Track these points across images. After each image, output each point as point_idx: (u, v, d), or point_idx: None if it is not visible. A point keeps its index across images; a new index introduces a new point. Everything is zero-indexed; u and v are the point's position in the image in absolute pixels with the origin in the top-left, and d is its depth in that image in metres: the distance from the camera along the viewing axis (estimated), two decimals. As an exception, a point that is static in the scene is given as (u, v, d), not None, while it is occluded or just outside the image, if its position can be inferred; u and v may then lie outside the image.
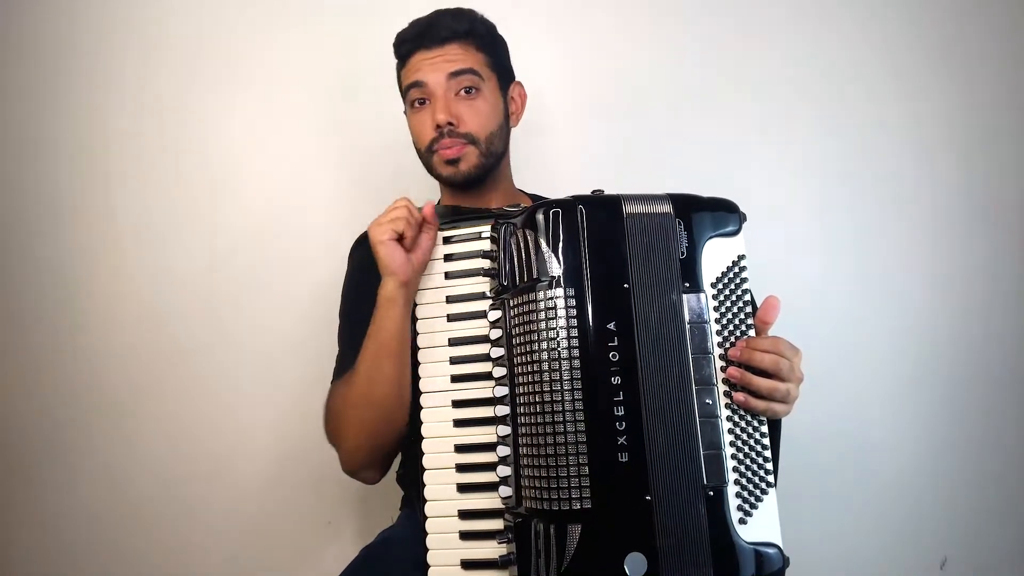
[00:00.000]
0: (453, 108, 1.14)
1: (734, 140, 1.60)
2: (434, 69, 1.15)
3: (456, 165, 1.16)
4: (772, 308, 0.95)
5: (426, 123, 1.16)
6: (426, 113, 1.16)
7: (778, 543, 0.91)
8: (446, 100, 1.15)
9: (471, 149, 1.16)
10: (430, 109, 1.16)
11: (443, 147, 1.15)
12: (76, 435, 1.56)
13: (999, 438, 1.56)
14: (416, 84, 1.16)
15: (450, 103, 1.15)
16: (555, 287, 0.91)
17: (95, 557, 1.54)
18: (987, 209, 1.59)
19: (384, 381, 1.02)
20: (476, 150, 1.16)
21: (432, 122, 1.15)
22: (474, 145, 1.16)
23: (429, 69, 1.15)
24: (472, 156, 1.16)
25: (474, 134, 1.16)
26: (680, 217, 0.96)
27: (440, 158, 1.16)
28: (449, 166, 1.16)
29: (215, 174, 1.60)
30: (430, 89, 1.15)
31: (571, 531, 0.87)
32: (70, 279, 1.58)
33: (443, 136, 1.15)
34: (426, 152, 1.19)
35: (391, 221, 1.00)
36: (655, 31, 1.63)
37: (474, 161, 1.16)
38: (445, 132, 1.14)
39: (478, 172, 1.17)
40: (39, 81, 1.62)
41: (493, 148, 1.18)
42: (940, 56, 1.61)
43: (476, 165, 1.17)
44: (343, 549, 1.30)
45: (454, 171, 1.16)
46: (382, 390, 1.02)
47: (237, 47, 1.62)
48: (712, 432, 0.91)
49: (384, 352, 1.01)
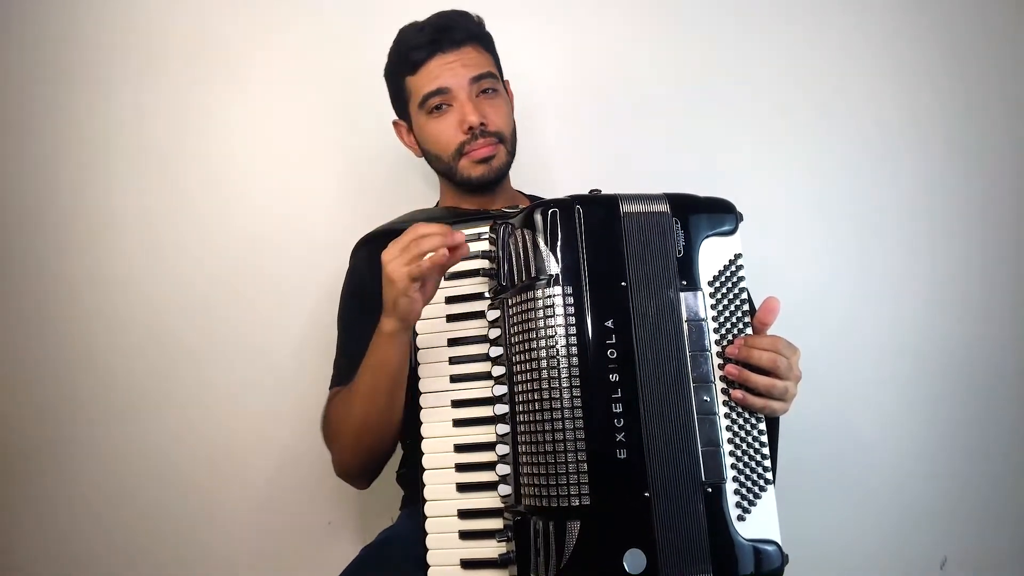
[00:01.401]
0: (481, 109, 1.15)
1: (731, 140, 1.60)
2: (455, 74, 1.15)
3: (489, 163, 1.17)
4: (771, 310, 0.95)
5: (450, 127, 1.16)
6: (450, 118, 1.16)
7: (777, 540, 0.91)
8: (473, 103, 1.15)
9: (501, 148, 1.18)
10: (455, 113, 1.15)
11: (475, 147, 1.16)
12: (77, 435, 1.56)
13: (999, 437, 1.56)
14: (439, 91, 1.15)
15: (477, 105, 1.15)
16: (553, 285, 0.92)
17: (96, 556, 1.54)
18: (985, 208, 1.59)
19: (380, 412, 1.04)
20: (504, 148, 1.18)
21: (462, 125, 1.15)
22: (503, 144, 1.18)
23: (450, 74, 1.15)
24: (503, 154, 1.18)
25: (503, 132, 1.18)
26: (677, 216, 0.96)
27: (471, 160, 1.16)
28: (482, 165, 1.17)
29: (218, 174, 1.60)
30: (454, 94, 1.15)
31: (570, 528, 0.87)
32: (72, 279, 1.58)
33: (475, 137, 1.15)
34: (453, 157, 1.18)
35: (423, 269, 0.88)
36: (653, 31, 1.63)
37: (504, 159, 1.19)
38: (477, 133, 1.15)
39: (505, 170, 1.20)
40: (40, 81, 1.62)
41: (513, 148, 1.21)
42: (939, 56, 1.61)
43: (505, 163, 1.19)
44: (343, 549, 1.30)
45: (487, 169, 1.17)
46: (377, 419, 1.05)
47: (239, 48, 1.62)
48: (710, 429, 0.92)
49: (383, 388, 1.02)
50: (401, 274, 0.89)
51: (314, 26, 1.61)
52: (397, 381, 1.02)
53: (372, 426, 1.05)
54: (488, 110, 1.16)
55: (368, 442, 1.08)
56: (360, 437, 1.07)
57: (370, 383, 1.02)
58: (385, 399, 1.02)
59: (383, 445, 1.09)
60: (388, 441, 1.09)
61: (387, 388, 1.02)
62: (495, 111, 1.17)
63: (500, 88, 1.20)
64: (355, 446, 1.09)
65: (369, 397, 1.03)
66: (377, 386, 1.02)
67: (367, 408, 1.04)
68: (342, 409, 1.10)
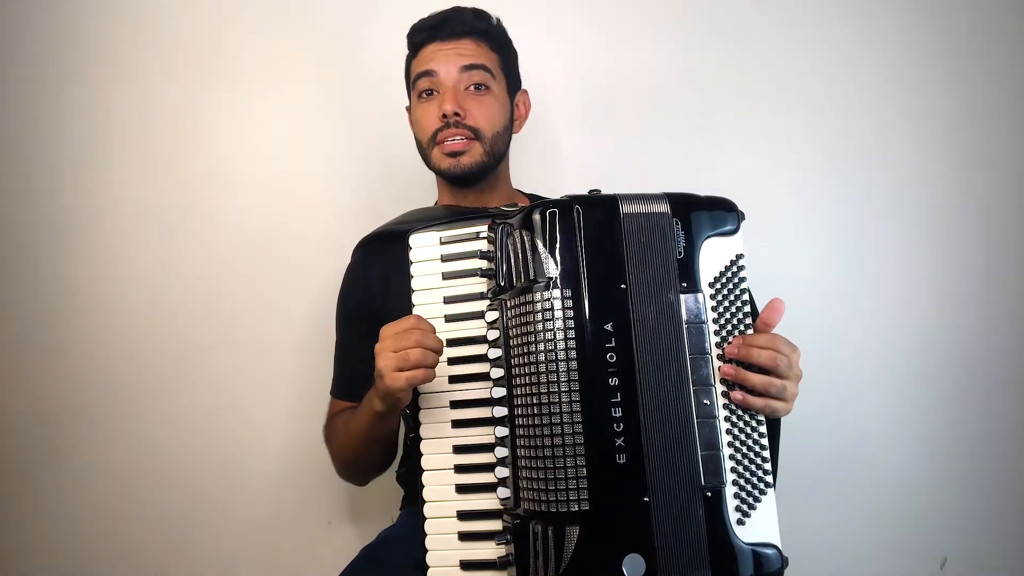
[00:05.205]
0: (462, 100, 1.14)
1: (732, 140, 1.59)
2: (447, 60, 1.15)
3: (457, 158, 1.15)
4: (776, 311, 0.95)
5: (431, 113, 1.15)
6: (433, 104, 1.16)
7: (776, 543, 0.91)
8: (456, 92, 1.14)
9: (475, 145, 1.15)
10: (437, 100, 1.15)
11: (447, 137, 1.14)
12: (77, 435, 1.56)
13: (999, 437, 1.56)
14: (427, 73, 1.15)
15: (459, 95, 1.14)
16: (552, 288, 0.91)
17: (97, 554, 1.55)
18: (984, 208, 1.58)
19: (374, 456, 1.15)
20: (480, 147, 1.16)
21: (438, 111, 1.14)
22: (478, 140, 1.16)
23: (442, 60, 1.15)
24: (476, 152, 1.16)
25: (480, 129, 1.15)
26: (677, 216, 0.95)
27: (441, 151, 1.15)
28: (450, 158, 1.15)
29: (219, 175, 1.60)
30: (440, 79, 1.15)
31: (569, 533, 0.87)
32: (74, 277, 1.58)
33: (448, 126, 1.14)
34: (428, 143, 1.17)
35: (411, 375, 0.90)
36: (654, 33, 1.62)
37: (477, 157, 1.16)
38: (451, 122, 1.14)
39: (478, 169, 1.16)
40: (42, 81, 1.61)
41: (496, 148, 1.18)
42: (937, 56, 1.60)
43: (478, 162, 1.16)
44: (343, 549, 1.30)
45: (454, 163, 1.15)
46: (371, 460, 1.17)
47: (240, 49, 1.61)
48: (710, 433, 0.91)
49: (376, 452, 1.14)
50: (396, 382, 0.90)
51: (316, 28, 1.61)
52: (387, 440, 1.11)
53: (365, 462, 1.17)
54: (471, 103, 1.15)
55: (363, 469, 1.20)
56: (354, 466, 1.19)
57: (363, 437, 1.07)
58: (377, 448, 1.13)
59: (379, 469, 1.21)
60: (384, 466, 1.20)
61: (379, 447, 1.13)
62: (479, 106, 1.15)
63: (494, 86, 1.18)
64: (350, 470, 1.20)
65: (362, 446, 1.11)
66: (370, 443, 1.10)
67: (359, 452, 1.14)
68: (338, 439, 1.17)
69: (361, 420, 1.04)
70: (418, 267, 1.02)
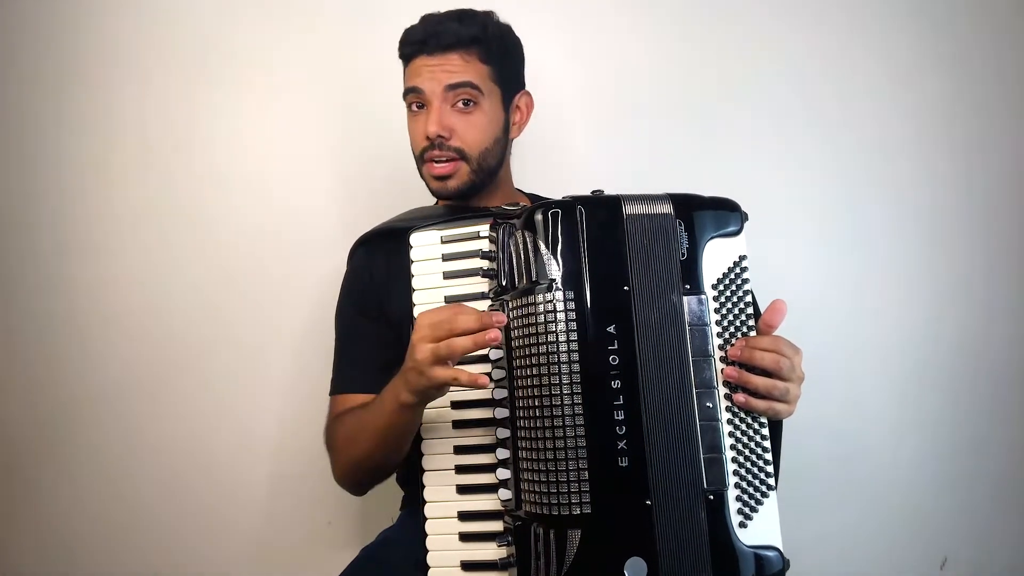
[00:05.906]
0: (447, 120, 1.12)
1: (735, 140, 1.59)
2: (432, 77, 1.12)
3: (444, 182, 1.14)
4: (778, 312, 0.94)
5: (419, 130, 1.14)
6: (420, 119, 1.14)
7: (778, 545, 0.91)
8: (440, 111, 1.11)
9: (462, 165, 1.13)
10: (424, 117, 1.13)
11: (433, 159, 1.13)
12: (76, 435, 1.56)
13: (999, 438, 1.56)
14: (413, 90, 1.14)
15: (444, 115, 1.12)
16: (554, 290, 0.90)
17: (94, 556, 1.55)
18: (986, 208, 1.58)
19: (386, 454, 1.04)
20: (467, 167, 1.14)
21: (425, 130, 1.12)
22: (464, 161, 1.13)
23: (427, 76, 1.12)
24: (463, 173, 1.14)
25: (466, 150, 1.13)
26: (681, 217, 0.95)
27: (429, 171, 1.14)
28: (438, 181, 1.14)
29: (219, 175, 1.60)
30: (426, 97, 1.13)
31: (571, 536, 0.86)
32: (72, 280, 1.58)
33: (433, 147, 1.12)
34: (418, 160, 1.17)
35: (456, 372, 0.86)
36: (656, 33, 1.61)
37: (464, 179, 1.14)
38: (436, 144, 1.12)
39: (467, 189, 1.15)
40: (42, 80, 1.61)
41: (485, 164, 1.15)
42: (938, 56, 1.60)
43: (465, 183, 1.14)
44: (343, 549, 1.30)
45: (441, 186, 1.14)
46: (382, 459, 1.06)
47: (241, 49, 1.60)
48: (713, 435, 0.91)
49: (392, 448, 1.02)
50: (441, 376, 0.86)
51: (316, 29, 1.60)
52: (408, 435, 1.01)
53: (377, 461, 1.06)
54: (457, 123, 1.12)
55: (371, 470, 1.09)
56: (363, 465, 1.08)
57: (381, 432, 1.00)
58: (395, 444, 1.02)
59: (385, 473, 1.12)
60: (391, 469, 1.11)
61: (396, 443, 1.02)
62: (466, 125, 1.13)
63: (483, 101, 1.14)
64: (355, 472, 1.10)
65: (378, 442, 1.02)
66: (387, 447, 1.02)
67: (372, 450, 1.04)
68: (348, 436, 1.08)
69: (382, 413, 0.99)
70: (419, 266, 1.02)
